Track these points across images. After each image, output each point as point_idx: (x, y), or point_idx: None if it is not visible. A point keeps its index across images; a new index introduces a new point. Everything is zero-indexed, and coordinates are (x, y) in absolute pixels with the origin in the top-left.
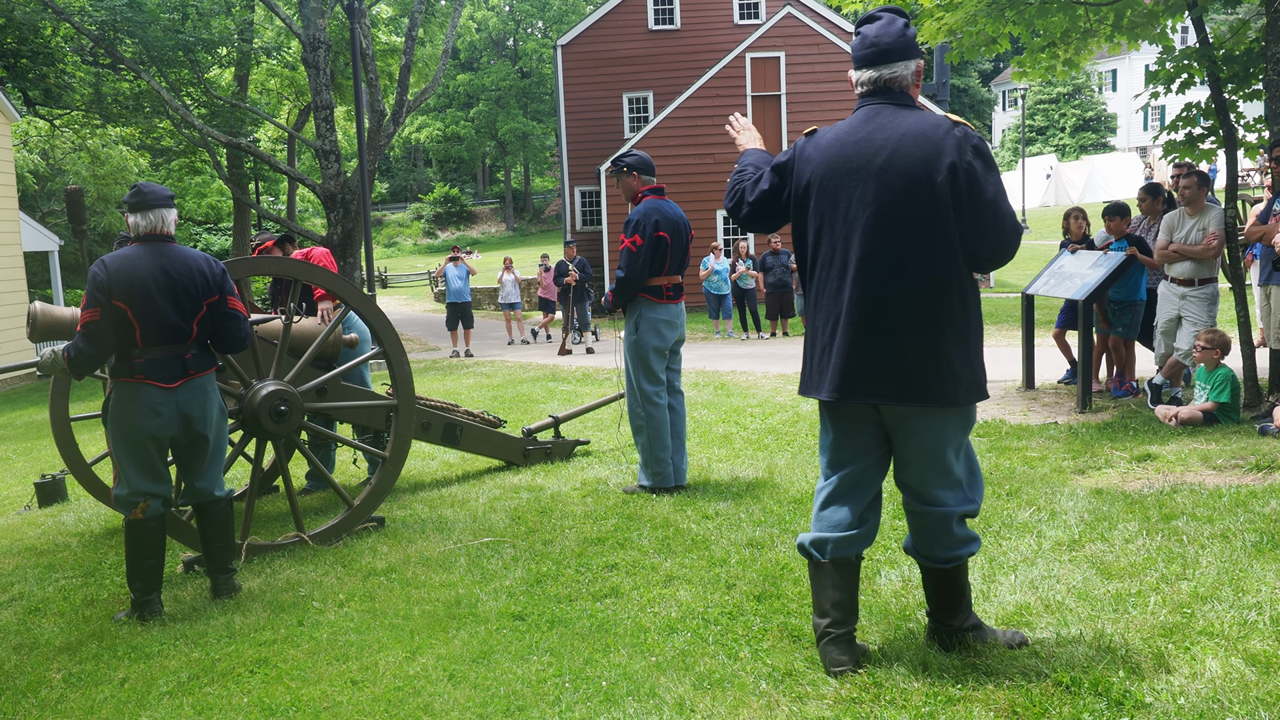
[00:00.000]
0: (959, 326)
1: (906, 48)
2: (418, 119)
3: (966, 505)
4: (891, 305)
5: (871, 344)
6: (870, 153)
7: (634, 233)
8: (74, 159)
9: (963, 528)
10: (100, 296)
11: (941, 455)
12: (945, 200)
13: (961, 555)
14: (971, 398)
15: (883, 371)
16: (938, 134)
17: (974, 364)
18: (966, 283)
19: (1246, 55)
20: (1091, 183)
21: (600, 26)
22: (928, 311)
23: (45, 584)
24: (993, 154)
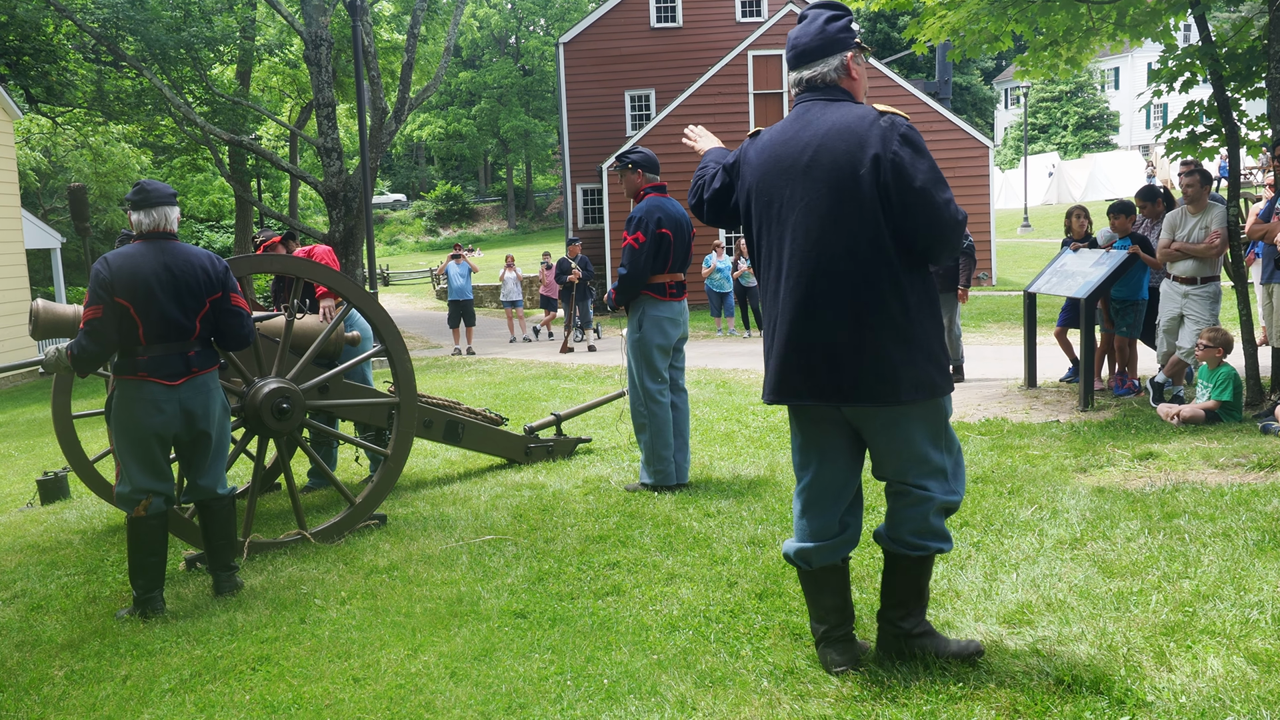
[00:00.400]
0: (897, 323)
1: (826, 44)
2: (420, 116)
3: (949, 495)
4: (822, 305)
5: (805, 346)
6: (797, 151)
7: (636, 229)
8: (76, 156)
9: (939, 520)
10: (103, 294)
11: (914, 448)
12: (871, 194)
13: (930, 547)
14: (917, 394)
15: (819, 373)
16: (862, 126)
17: (918, 360)
18: (905, 278)
19: (1249, 53)
20: (1094, 181)
21: (602, 24)
22: (860, 310)
23: (48, 581)
24: (921, 141)
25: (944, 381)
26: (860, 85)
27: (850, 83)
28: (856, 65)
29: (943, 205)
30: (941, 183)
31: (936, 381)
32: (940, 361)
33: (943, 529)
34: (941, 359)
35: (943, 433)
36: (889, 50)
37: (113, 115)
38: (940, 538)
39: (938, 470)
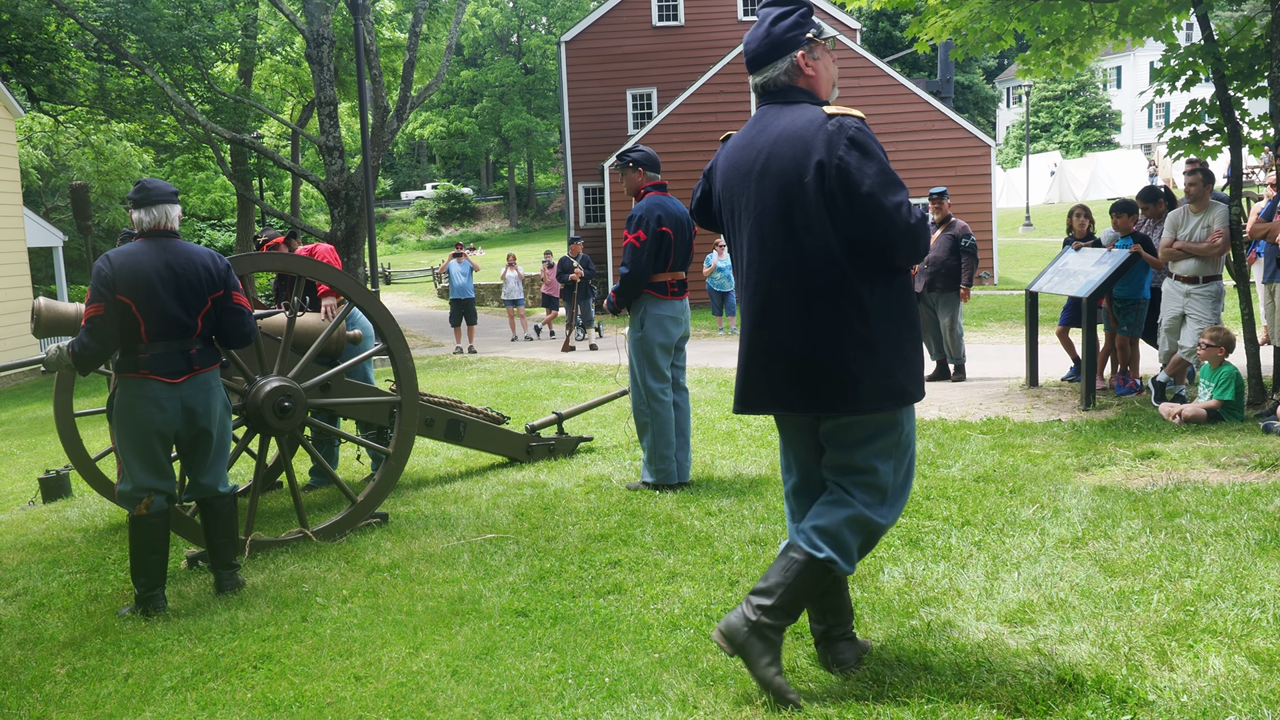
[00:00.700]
0: (855, 331)
1: (774, 47)
2: (421, 115)
3: (873, 513)
4: (777, 314)
5: (764, 354)
6: (751, 158)
7: (637, 228)
8: (78, 155)
9: (852, 534)
10: (105, 292)
11: (859, 459)
12: (817, 201)
13: (821, 552)
14: (879, 404)
15: (780, 382)
16: (809, 131)
17: (880, 369)
18: (862, 284)
19: (1251, 52)
20: (1096, 180)
21: (604, 23)
22: (814, 319)
23: (49, 579)
24: (872, 143)
25: (915, 388)
26: (821, 79)
27: (808, 80)
28: (813, 60)
29: (892, 210)
30: (892, 185)
31: (906, 389)
32: (912, 367)
33: (849, 544)
34: (914, 364)
35: (894, 449)
36: (891, 49)
37: (115, 114)
38: (841, 550)
39: (874, 485)
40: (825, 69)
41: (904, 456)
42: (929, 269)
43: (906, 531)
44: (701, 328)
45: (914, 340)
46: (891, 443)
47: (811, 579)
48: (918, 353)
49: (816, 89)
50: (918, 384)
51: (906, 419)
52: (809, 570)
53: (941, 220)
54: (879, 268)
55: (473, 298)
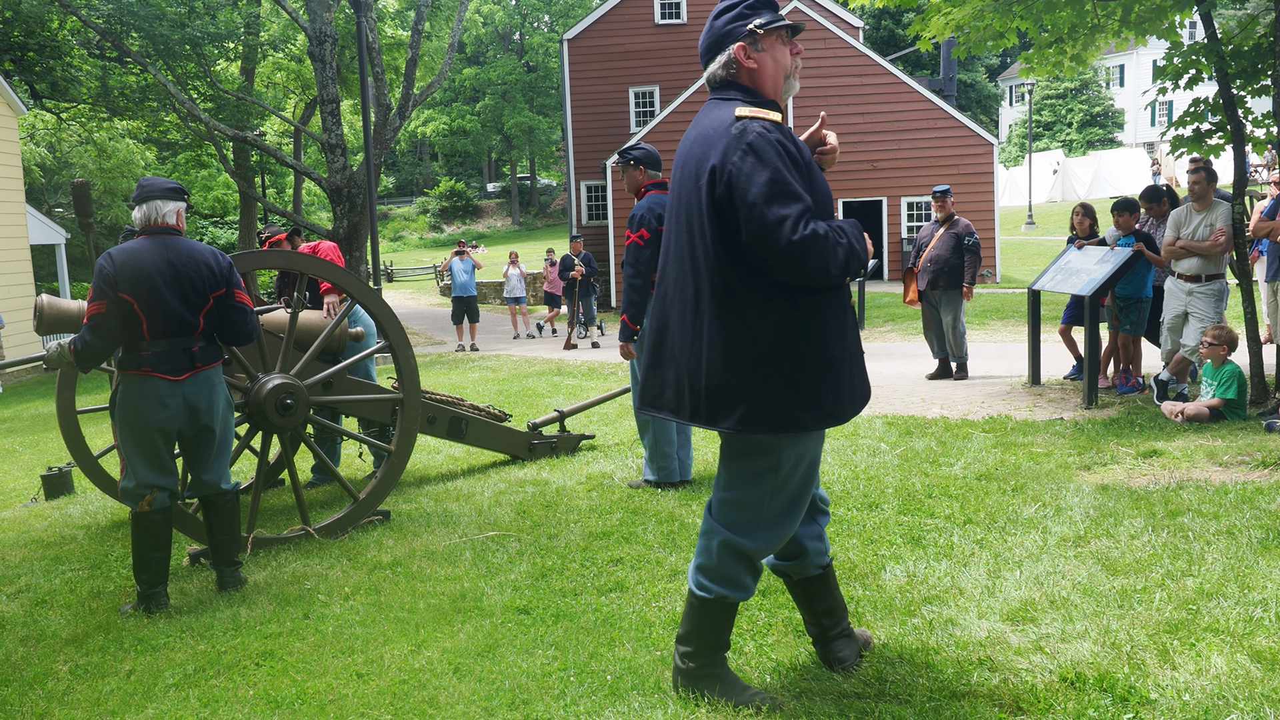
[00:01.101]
0: (740, 348)
1: (714, 42)
2: (424, 113)
3: (743, 539)
4: (673, 318)
5: (659, 356)
6: (677, 157)
7: (640, 227)
8: (80, 152)
9: (728, 561)
10: (106, 289)
11: (736, 480)
12: (709, 208)
13: (711, 591)
14: (751, 427)
15: (668, 385)
16: (715, 133)
17: (761, 391)
18: (756, 299)
19: (1255, 51)
20: (1098, 178)
21: (606, 21)
22: (704, 328)
23: (52, 576)
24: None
25: (806, 416)
26: (765, 72)
27: (749, 73)
28: (756, 52)
29: (773, 223)
30: (782, 197)
31: (791, 415)
32: (810, 393)
33: (733, 573)
34: (814, 390)
35: (768, 477)
36: (893, 47)
37: (117, 111)
38: (727, 583)
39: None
40: (773, 60)
41: (782, 488)
42: (932, 267)
43: (908, 530)
44: None
45: (821, 365)
46: (764, 468)
47: (715, 617)
48: (823, 379)
49: (759, 82)
50: (813, 412)
51: (788, 448)
52: (708, 611)
53: (945, 218)
54: (779, 284)
55: (475, 295)
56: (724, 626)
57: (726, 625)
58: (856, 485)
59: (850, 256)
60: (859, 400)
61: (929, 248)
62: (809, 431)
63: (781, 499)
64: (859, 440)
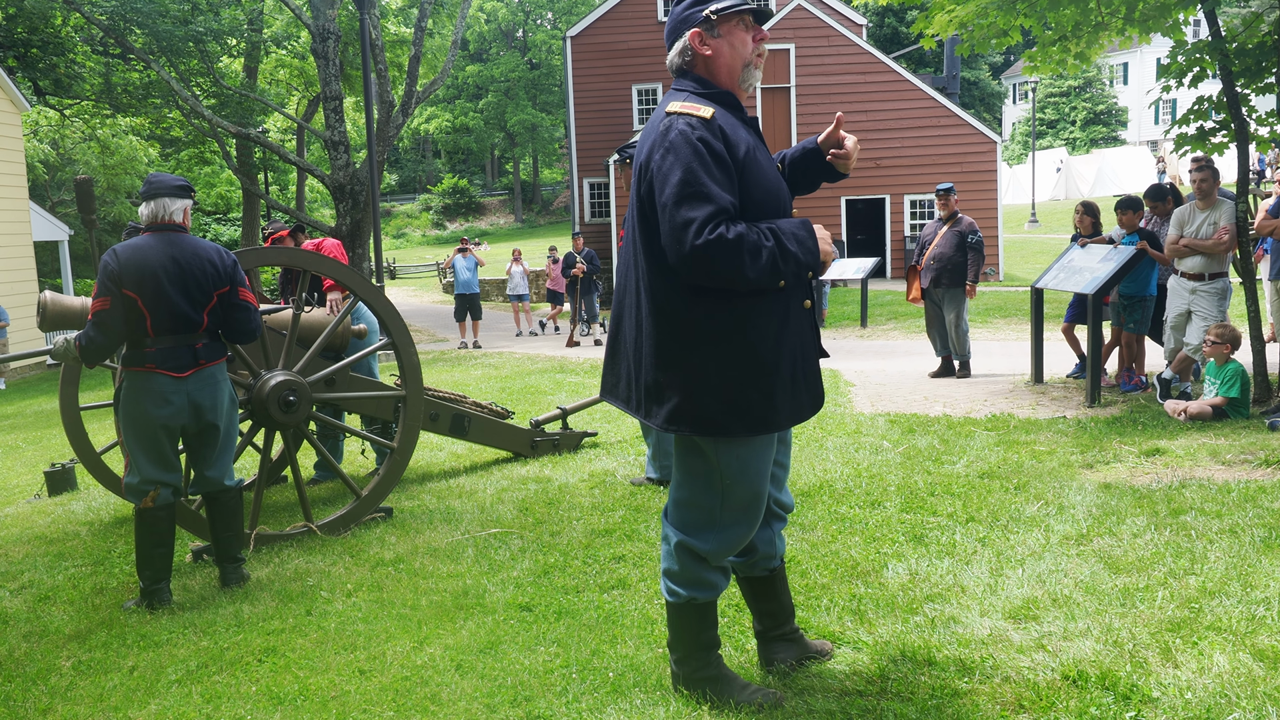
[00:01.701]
0: (667, 346)
1: (673, 30)
2: (427, 110)
3: (692, 539)
4: (621, 311)
5: (613, 349)
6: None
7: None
8: (84, 149)
9: (686, 563)
10: (111, 285)
11: (681, 479)
12: (635, 205)
13: (679, 594)
14: (676, 425)
15: (620, 376)
16: (651, 129)
17: (685, 390)
18: (685, 299)
19: (1259, 49)
20: (1102, 177)
21: (610, 18)
22: (642, 323)
23: (55, 572)
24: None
25: (729, 421)
26: (721, 58)
27: (705, 60)
28: (712, 38)
29: (679, 226)
30: (691, 199)
31: (713, 419)
32: (736, 397)
33: (696, 573)
34: (740, 395)
35: (708, 478)
36: (897, 45)
37: (120, 108)
38: (693, 585)
39: (688, 507)
40: (730, 48)
41: (730, 493)
42: (935, 265)
43: (910, 528)
44: None
45: (750, 370)
46: (705, 470)
47: (691, 620)
48: (754, 385)
49: (714, 71)
50: (741, 420)
51: (725, 453)
52: (683, 614)
53: (948, 216)
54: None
55: (478, 293)
56: (705, 627)
57: (708, 625)
58: (859, 483)
59: (778, 259)
60: (803, 409)
61: (932, 246)
62: (736, 437)
63: (732, 503)
64: (861, 438)
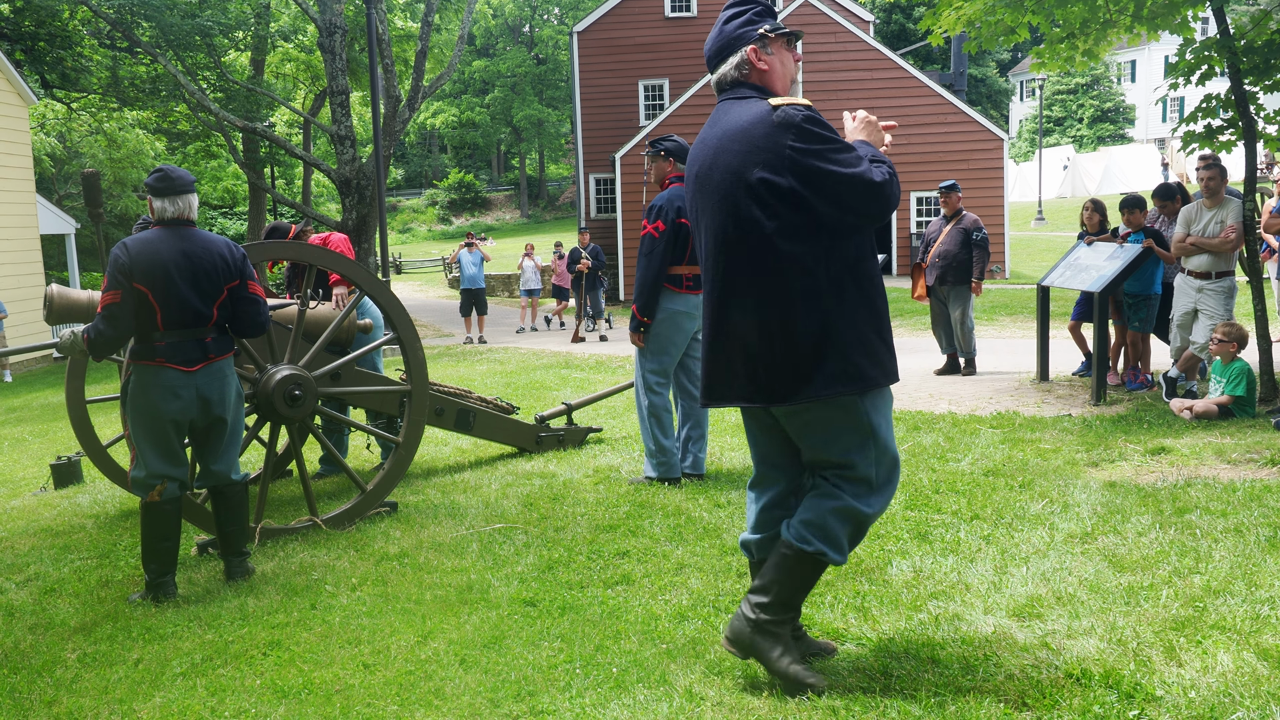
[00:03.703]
0: (810, 317)
1: (725, 45)
2: (433, 105)
3: (859, 503)
4: (733, 308)
5: (721, 348)
6: (704, 155)
7: (657, 218)
8: (90, 142)
9: (839, 524)
10: (121, 279)
11: (834, 456)
12: (763, 194)
13: (812, 545)
14: (830, 389)
15: (736, 374)
16: (755, 124)
17: (835, 353)
18: (817, 270)
19: (1267, 46)
20: (1109, 174)
21: (616, 13)
22: (767, 308)
23: (60, 565)
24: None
25: (875, 372)
26: (775, 74)
27: (760, 75)
28: (766, 55)
29: (858, 177)
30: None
31: (866, 373)
32: (875, 351)
33: (837, 535)
34: (877, 347)
35: (869, 434)
36: (904, 42)
37: (127, 101)
38: (829, 542)
39: (854, 476)
40: (781, 64)
41: (881, 449)
42: (940, 262)
43: (915, 525)
44: None
45: (875, 319)
46: (855, 434)
47: (803, 572)
48: (880, 337)
49: (770, 84)
50: (879, 367)
51: (871, 410)
52: (800, 564)
53: (952, 214)
54: (832, 252)
55: (483, 288)
56: (807, 586)
57: (809, 584)
58: None
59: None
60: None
61: (937, 243)
62: (881, 388)
63: (885, 460)
64: None
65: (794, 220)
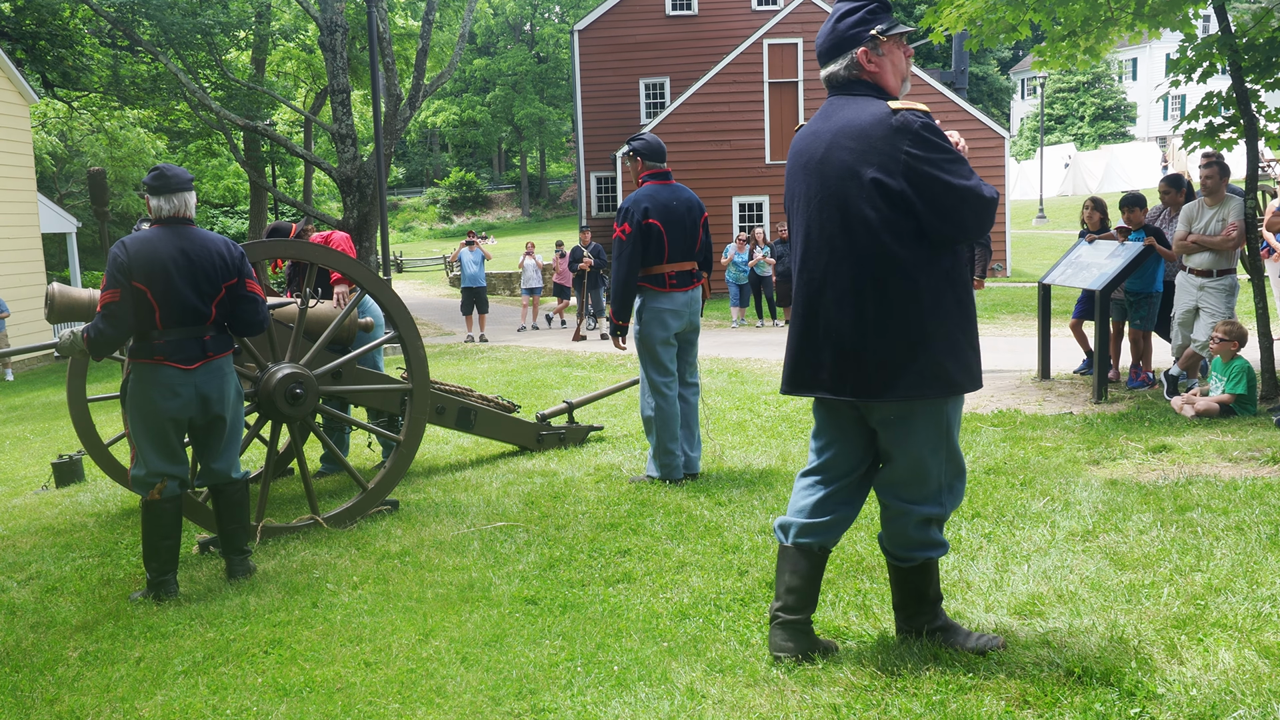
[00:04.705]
0: (904, 320)
1: (837, 44)
2: (434, 103)
3: (932, 508)
4: (829, 301)
5: (812, 339)
6: (814, 147)
7: (623, 221)
8: (92, 141)
9: (925, 530)
10: (120, 277)
11: (910, 451)
12: (873, 195)
13: (917, 557)
14: (916, 391)
15: (822, 365)
16: (872, 124)
17: (919, 359)
18: (917, 273)
19: (1269, 44)
20: (1110, 172)
21: (617, 11)
22: (864, 306)
23: (62, 563)
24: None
25: (962, 379)
26: (886, 73)
27: (870, 75)
28: (876, 56)
29: (968, 190)
30: (965, 169)
31: (953, 378)
32: (963, 358)
33: (929, 537)
34: (967, 354)
35: (943, 439)
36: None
37: (128, 100)
38: (930, 546)
39: (925, 480)
40: (892, 65)
41: (953, 454)
42: None
43: None
44: (713, 318)
45: (967, 331)
46: (930, 437)
47: (923, 578)
48: (970, 345)
49: (880, 82)
50: (966, 375)
51: (952, 412)
52: (916, 575)
53: None
54: (934, 257)
55: (484, 286)
56: (934, 581)
57: (936, 580)
58: None
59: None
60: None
61: None
62: (963, 394)
63: (955, 460)
64: None
65: (901, 223)
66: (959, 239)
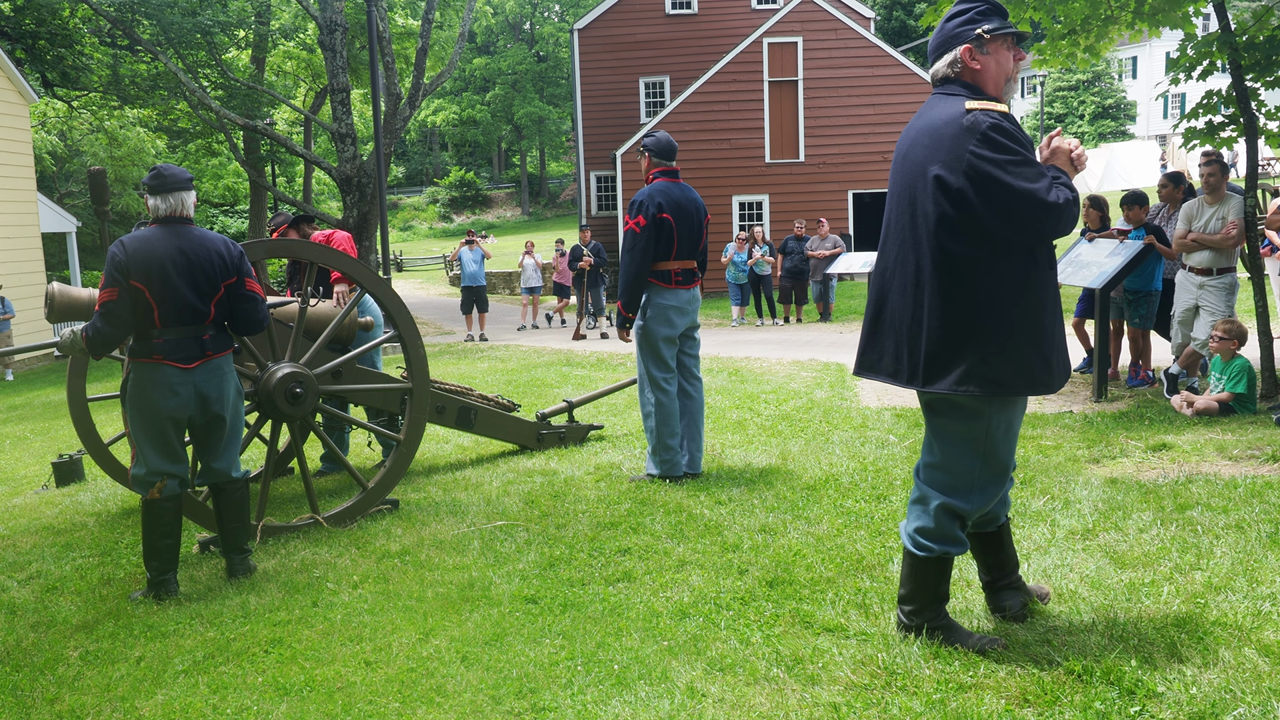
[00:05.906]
0: (960, 318)
1: (944, 41)
2: (434, 102)
3: (956, 500)
4: (894, 290)
5: (879, 325)
6: (903, 143)
7: (637, 214)
8: (91, 140)
9: (948, 522)
10: (118, 277)
11: (946, 442)
12: (940, 192)
13: (926, 548)
14: (962, 388)
15: (885, 351)
16: (946, 123)
17: (972, 355)
18: (975, 271)
19: (1269, 43)
20: (1110, 171)
21: (617, 10)
22: (921, 298)
23: (62, 563)
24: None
25: (1016, 381)
26: (987, 73)
27: (971, 73)
28: (981, 55)
29: (1032, 195)
30: (1031, 173)
31: (1003, 379)
32: (1022, 361)
33: (947, 530)
34: (1029, 357)
35: (972, 440)
36: (905, 38)
37: (128, 99)
38: (943, 540)
39: (951, 474)
40: (996, 64)
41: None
42: None
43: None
44: (713, 317)
45: (1033, 335)
46: (968, 434)
47: (934, 573)
48: (1035, 348)
49: (981, 83)
50: (1023, 378)
51: (996, 414)
52: (929, 568)
53: None
54: (998, 257)
55: (484, 285)
56: (944, 580)
57: (946, 579)
58: (865, 477)
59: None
60: (1063, 374)
61: None
62: (1017, 396)
63: (994, 463)
64: (867, 432)
65: (960, 221)
66: (1023, 241)
